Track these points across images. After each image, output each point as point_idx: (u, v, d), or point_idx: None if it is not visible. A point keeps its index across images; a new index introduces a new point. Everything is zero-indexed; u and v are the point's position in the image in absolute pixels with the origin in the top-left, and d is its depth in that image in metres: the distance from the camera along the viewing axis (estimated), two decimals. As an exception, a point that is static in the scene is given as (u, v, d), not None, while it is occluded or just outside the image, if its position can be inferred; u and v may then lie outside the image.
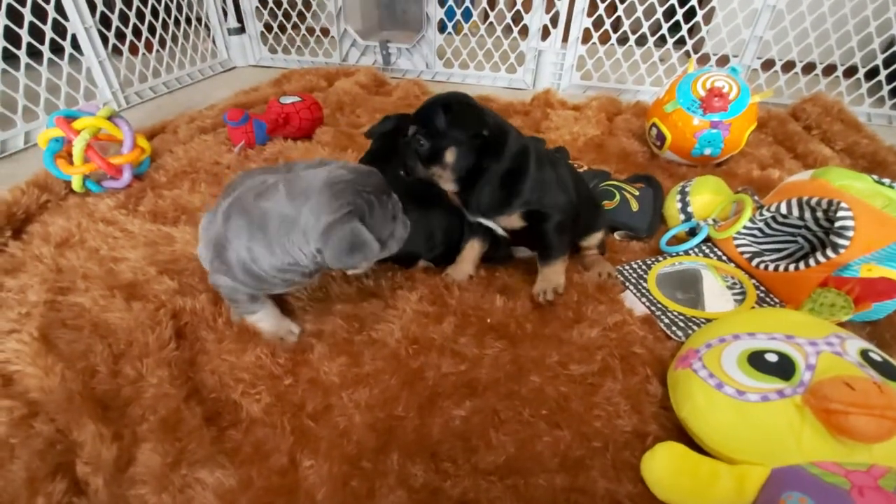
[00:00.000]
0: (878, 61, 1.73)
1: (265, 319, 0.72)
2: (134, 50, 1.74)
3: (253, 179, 0.67)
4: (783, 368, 0.52)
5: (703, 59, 1.90)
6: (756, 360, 0.54)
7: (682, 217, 0.98)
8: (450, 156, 0.72)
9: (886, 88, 1.77)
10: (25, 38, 1.35)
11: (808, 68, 1.79)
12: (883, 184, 0.75)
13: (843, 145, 1.42)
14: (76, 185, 1.06)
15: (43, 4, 1.38)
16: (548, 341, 0.74)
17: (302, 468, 0.56)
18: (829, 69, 1.78)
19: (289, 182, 0.63)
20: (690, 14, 1.77)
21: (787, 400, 0.50)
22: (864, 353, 0.52)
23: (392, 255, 0.86)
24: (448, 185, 0.77)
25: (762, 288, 0.80)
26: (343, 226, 0.58)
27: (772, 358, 0.54)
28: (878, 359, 0.52)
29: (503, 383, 0.67)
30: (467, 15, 2.02)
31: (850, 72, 1.77)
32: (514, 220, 0.77)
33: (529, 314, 0.79)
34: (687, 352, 0.62)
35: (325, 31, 2.16)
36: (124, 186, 1.11)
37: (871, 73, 1.76)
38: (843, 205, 0.68)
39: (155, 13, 1.80)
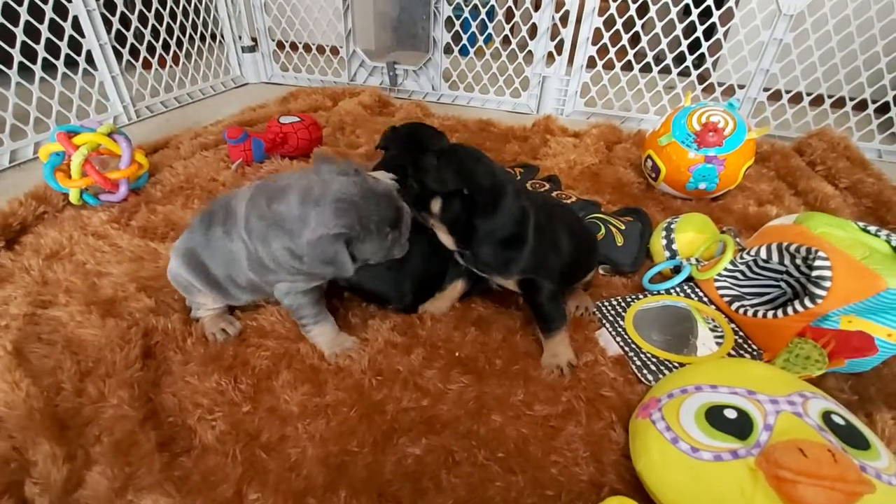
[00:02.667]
0: (889, 98, 1.69)
1: (327, 333, 0.76)
2: (147, 65, 1.80)
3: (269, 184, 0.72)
4: (740, 426, 0.51)
5: (709, 90, 1.89)
6: (714, 416, 0.53)
7: (666, 254, 0.96)
8: (435, 205, 0.71)
9: (898, 125, 1.73)
10: (41, 52, 1.40)
11: (817, 101, 1.76)
12: (868, 232, 0.73)
13: (848, 183, 1.39)
14: (73, 197, 1.09)
15: (60, 21, 1.43)
16: (515, 378, 0.72)
17: (247, 501, 0.55)
18: (839, 103, 1.75)
19: (307, 186, 0.66)
20: (696, 44, 1.76)
21: (741, 461, 0.48)
22: (826, 416, 0.50)
23: (361, 293, 0.85)
24: (444, 237, 0.74)
25: (741, 334, 0.78)
26: (330, 244, 0.63)
27: (730, 414, 0.52)
28: (841, 422, 0.50)
29: (463, 421, 0.66)
30: (472, 39, 2.05)
31: (861, 106, 1.73)
32: (510, 284, 0.76)
33: (500, 349, 0.78)
34: (649, 400, 0.61)
35: (335, 51, 2.21)
36: (120, 200, 1.14)
37: (883, 109, 1.73)
38: (820, 254, 0.66)
39: (170, 31, 1.87)
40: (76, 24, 1.49)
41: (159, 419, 0.64)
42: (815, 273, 0.67)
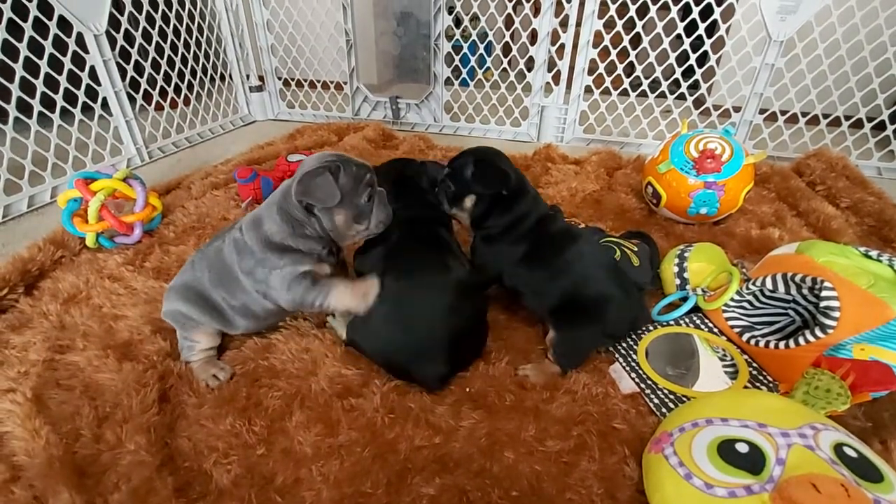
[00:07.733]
0: (885, 116, 1.72)
1: (345, 292, 0.75)
2: (159, 107, 1.87)
3: None
4: (753, 461, 0.51)
5: (706, 113, 1.92)
6: (726, 450, 0.53)
7: (677, 282, 0.97)
8: (468, 202, 0.87)
9: (895, 143, 1.74)
10: (60, 101, 1.46)
11: (813, 121, 1.79)
12: (870, 257, 0.74)
13: (849, 202, 1.40)
14: (90, 241, 1.12)
15: (77, 72, 1.50)
16: (526, 413, 0.73)
17: (263, 547, 0.56)
18: (835, 122, 1.77)
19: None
20: (691, 71, 1.81)
21: (755, 497, 0.48)
22: (838, 448, 0.50)
23: (391, 368, 0.79)
24: (465, 221, 0.91)
25: (755, 364, 0.78)
26: (316, 176, 0.73)
27: (742, 448, 0.52)
28: (854, 454, 0.50)
29: (476, 459, 0.66)
30: (471, 72, 2.12)
31: (857, 124, 1.76)
32: None
33: (510, 384, 0.78)
34: (661, 434, 0.61)
35: (340, 87, 2.28)
36: (135, 243, 1.17)
37: (879, 126, 1.75)
38: (826, 284, 0.67)
39: (181, 74, 1.94)
40: (92, 73, 1.56)
41: (175, 464, 0.65)
42: (823, 304, 0.67)
